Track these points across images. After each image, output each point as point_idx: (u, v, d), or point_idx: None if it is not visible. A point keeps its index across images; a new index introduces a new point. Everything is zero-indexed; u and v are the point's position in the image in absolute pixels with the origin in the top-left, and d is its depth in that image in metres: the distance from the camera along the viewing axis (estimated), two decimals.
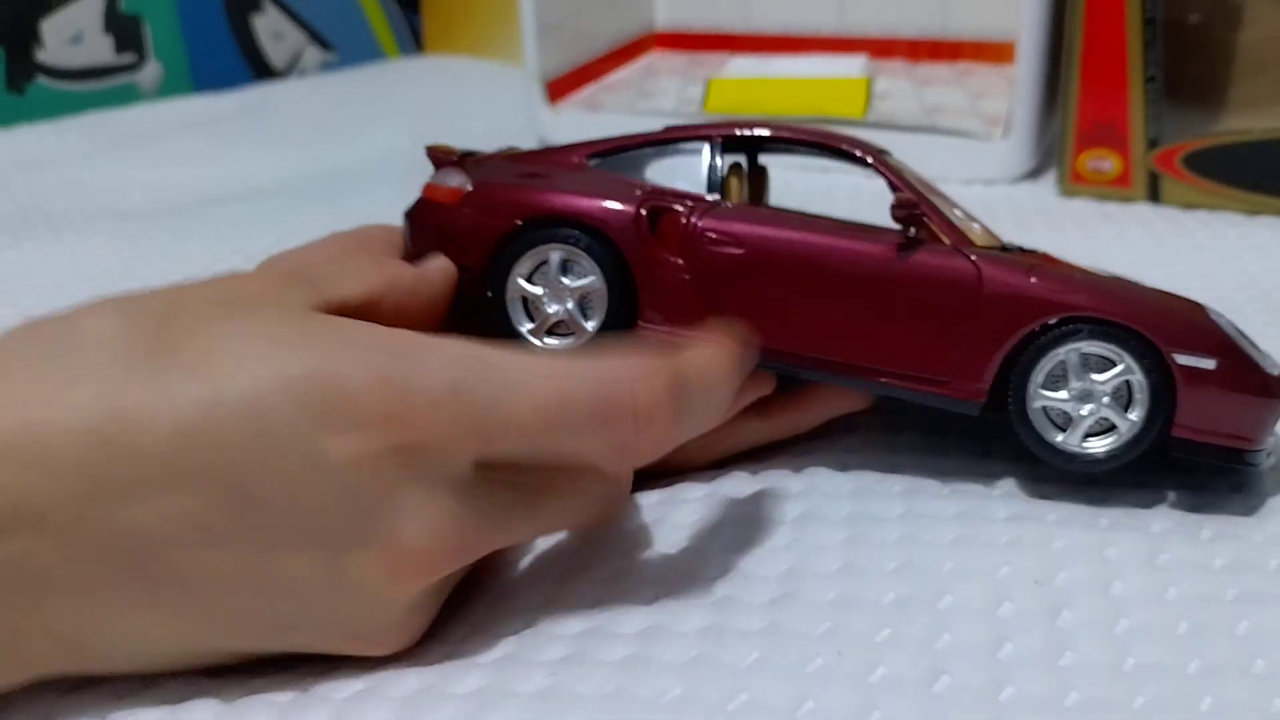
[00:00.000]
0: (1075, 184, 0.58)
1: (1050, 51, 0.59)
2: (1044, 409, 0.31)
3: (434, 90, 0.90)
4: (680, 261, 0.32)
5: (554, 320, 0.32)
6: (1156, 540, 0.30)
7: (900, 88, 0.70)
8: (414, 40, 1.05)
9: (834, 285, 0.31)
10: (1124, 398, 0.30)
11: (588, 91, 0.74)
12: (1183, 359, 0.30)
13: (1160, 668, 0.26)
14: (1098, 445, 0.31)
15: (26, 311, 0.49)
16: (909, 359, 0.31)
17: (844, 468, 0.34)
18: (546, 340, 0.33)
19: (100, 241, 0.57)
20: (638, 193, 0.32)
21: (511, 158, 0.36)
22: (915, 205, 0.31)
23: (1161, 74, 0.54)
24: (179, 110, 0.85)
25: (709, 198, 0.33)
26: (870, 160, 0.34)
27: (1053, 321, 0.30)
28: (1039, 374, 0.31)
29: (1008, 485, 0.33)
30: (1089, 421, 0.31)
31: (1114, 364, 0.30)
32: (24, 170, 0.70)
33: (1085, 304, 0.30)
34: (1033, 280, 0.31)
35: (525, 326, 0.33)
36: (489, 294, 0.33)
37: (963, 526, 0.31)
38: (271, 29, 0.96)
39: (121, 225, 0.59)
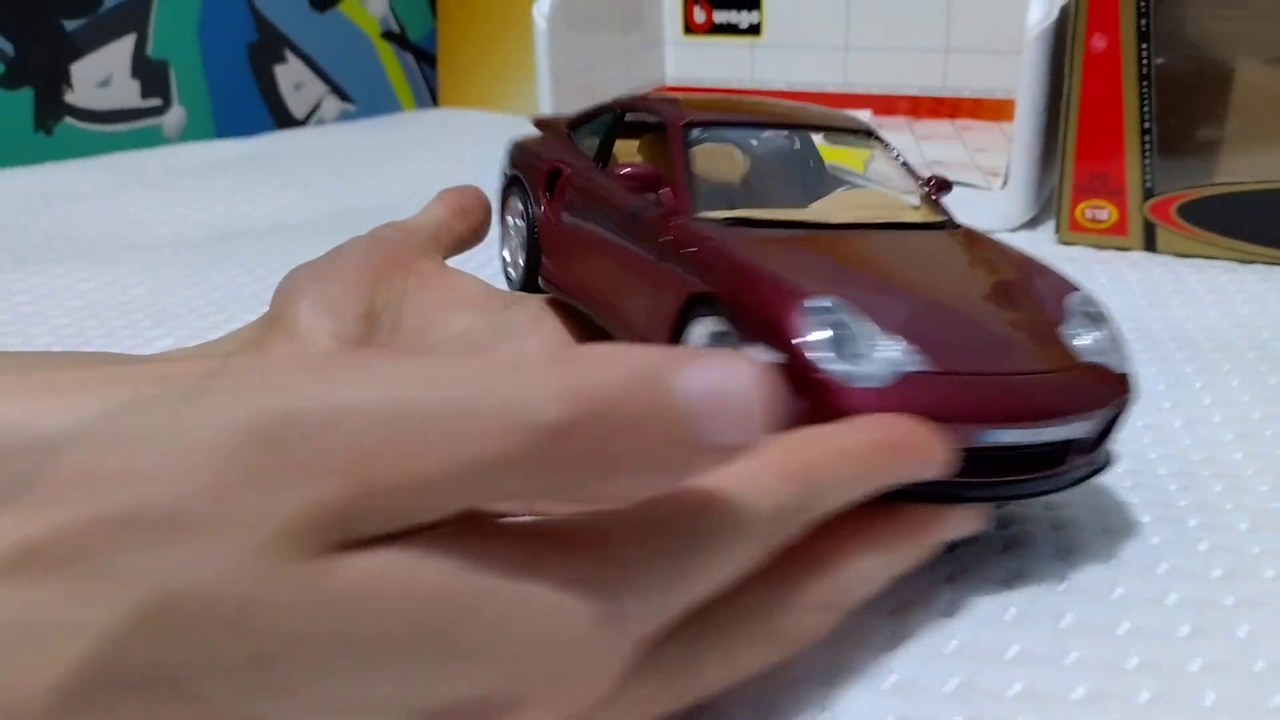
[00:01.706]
0: (1073, 233, 0.60)
1: (1048, 105, 0.61)
2: None
3: (448, 140, 0.93)
4: (551, 216, 0.37)
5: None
6: (1156, 550, 0.31)
7: (902, 142, 0.72)
8: (429, 93, 1.09)
9: (604, 245, 0.34)
10: None
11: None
12: (749, 349, 0.27)
13: (1162, 666, 0.27)
14: None
15: (56, 330, 0.50)
16: (641, 323, 0.31)
17: None
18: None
19: (126, 270, 0.58)
20: (555, 156, 0.38)
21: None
22: (644, 178, 0.32)
23: (1156, 127, 0.56)
24: (201, 153, 0.88)
25: (628, 165, 0.32)
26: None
27: (689, 297, 0.29)
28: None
29: (1011, 508, 0.34)
30: None
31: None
32: (52, 204, 0.72)
33: (711, 283, 0.28)
34: (684, 253, 0.29)
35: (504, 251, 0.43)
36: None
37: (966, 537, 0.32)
38: (293, 79, 0.99)
39: (146, 255, 0.61)
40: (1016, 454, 0.27)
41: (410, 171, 0.82)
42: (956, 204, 0.62)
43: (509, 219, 0.42)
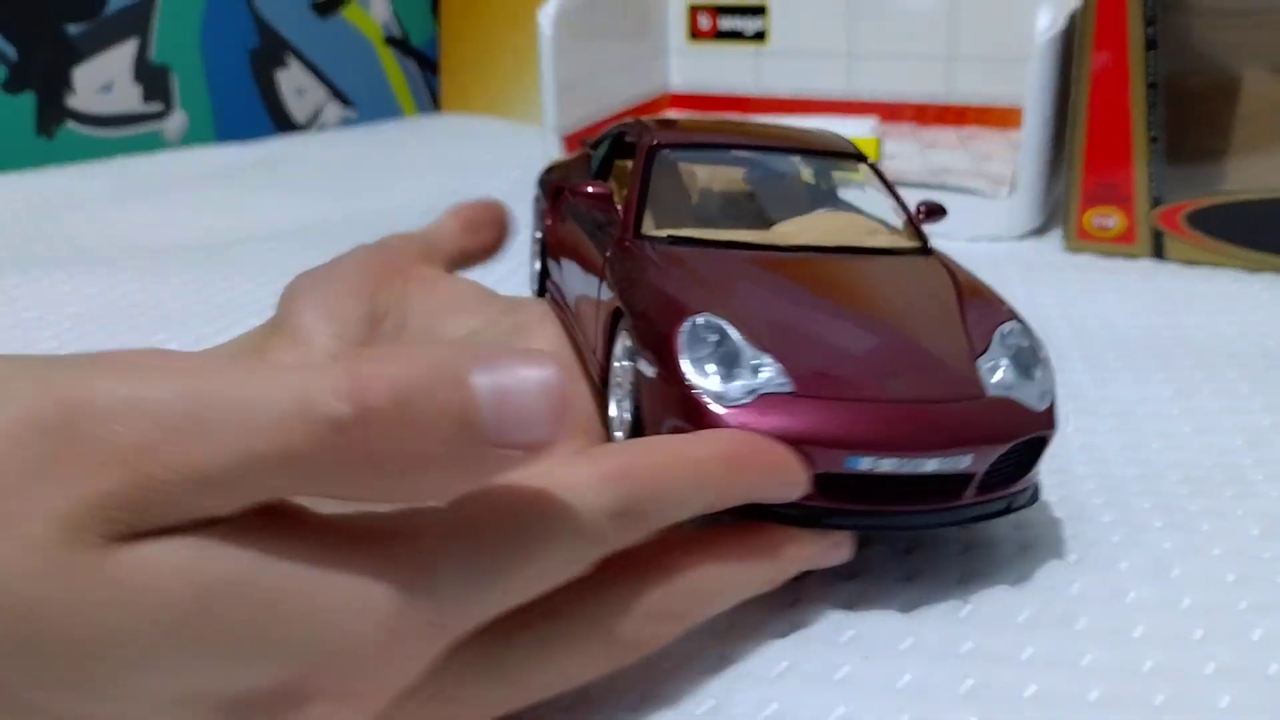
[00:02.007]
0: (1080, 240, 0.60)
1: (1055, 113, 0.61)
2: None
3: (450, 146, 0.93)
4: (552, 229, 0.39)
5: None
6: (1167, 556, 0.31)
7: (907, 149, 0.72)
8: (431, 99, 1.09)
9: (576, 257, 0.35)
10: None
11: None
12: (641, 363, 0.28)
13: (1177, 669, 0.26)
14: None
15: (60, 335, 0.50)
16: (590, 333, 0.32)
17: None
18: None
19: (129, 275, 0.58)
20: (567, 173, 0.40)
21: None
22: (596, 196, 0.33)
23: (1164, 135, 0.56)
24: (202, 158, 0.87)
25: (589, 184, 0.34)
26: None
27: (613, 311, 0.30)
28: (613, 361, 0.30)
29: (1021, 514, 0.34)
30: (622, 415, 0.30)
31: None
32: (54, 209, 0.72)
33: (624, 299, 0.29)
34: (617, 268, 0.31)
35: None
36: None
37: (972, 534, 0.32)
38: (294, 84, 0.99)
39: (149, 261, 0.61)
40: (897, 483, 0.27)
41: (412, 177, 0.81)
42: (963, 212, 0.62)
43: (535, 231, 0.44)
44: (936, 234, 0.36)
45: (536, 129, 0.80)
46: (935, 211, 0.36)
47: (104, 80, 0.88)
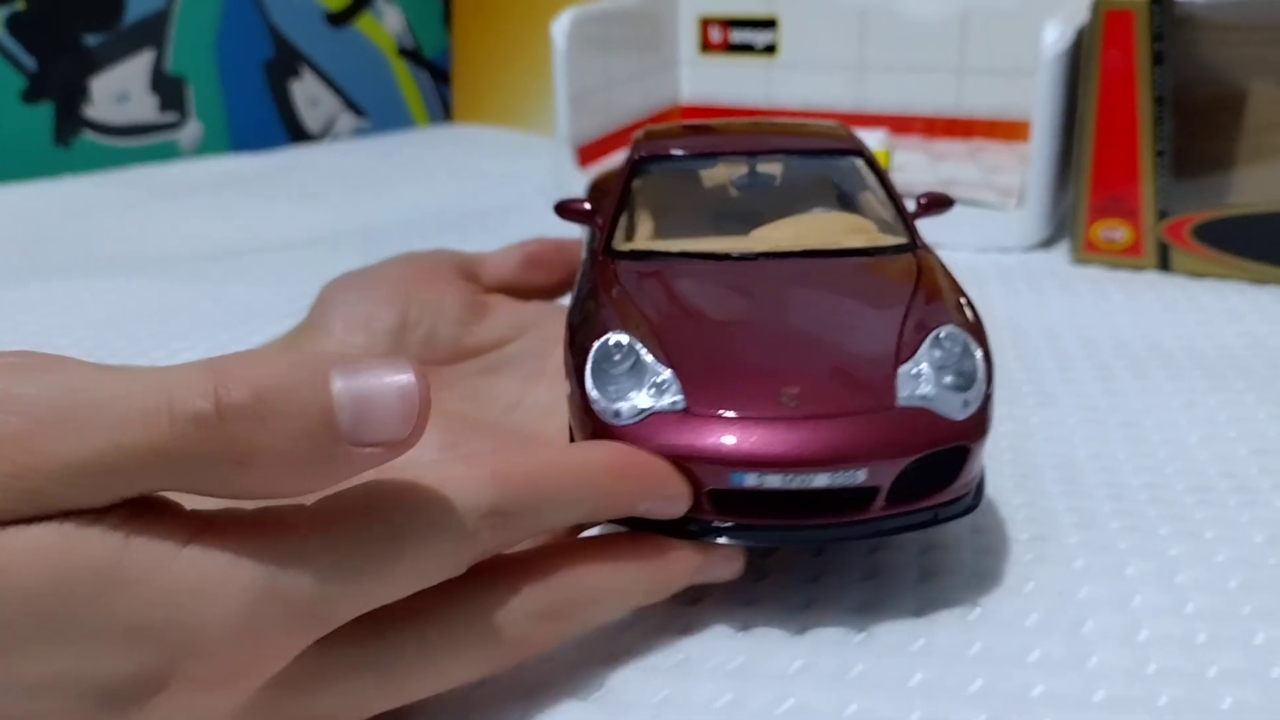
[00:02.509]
0: (1088, 253, 0.60)
1: (1063, 126, 0.62)
2: None
3: (462, 156, 0.94)
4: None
5: None
6: (1173, 562, 0.32)
7: (916, 161, 0.73)
8: (443, 110, 1.09)
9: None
10: None
11: (616, 157, 0.78)
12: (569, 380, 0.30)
13: (1181, 672, 0.27)
14: None
15: (80, 341, 0.51)
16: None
17: None
18: None
19: (146, 283, 0.59)
20: (603, 189, 0.40)
21: None
22: (575, 211, 0.35)
23: (1171, 149, 0.57)
24: (217, 168, 0.88)
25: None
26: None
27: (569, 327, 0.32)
28: None
29: (1028, 510, 0.35)
30: None
31: None
32: (71, 218, 0.73)
33: (568, 317, 0.31)
34: (583, 284, 0.33)
35: None
36: None
37: (984, 538, 0.32)
38: (308, 94, 1.00)
39: (166, 269, 0.62)
40: (795, 497, 0.27)
41: (424, 187, 0.82)
42: (972, 224, 0.63)
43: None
44: (946, 246, 0.37)
45: (547, 139, 0.80)
46: (939, 203, 0.36)
47: (120, 90, 0.89)
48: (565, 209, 0.35)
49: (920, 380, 0.28)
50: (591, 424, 0.28)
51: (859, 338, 0.29)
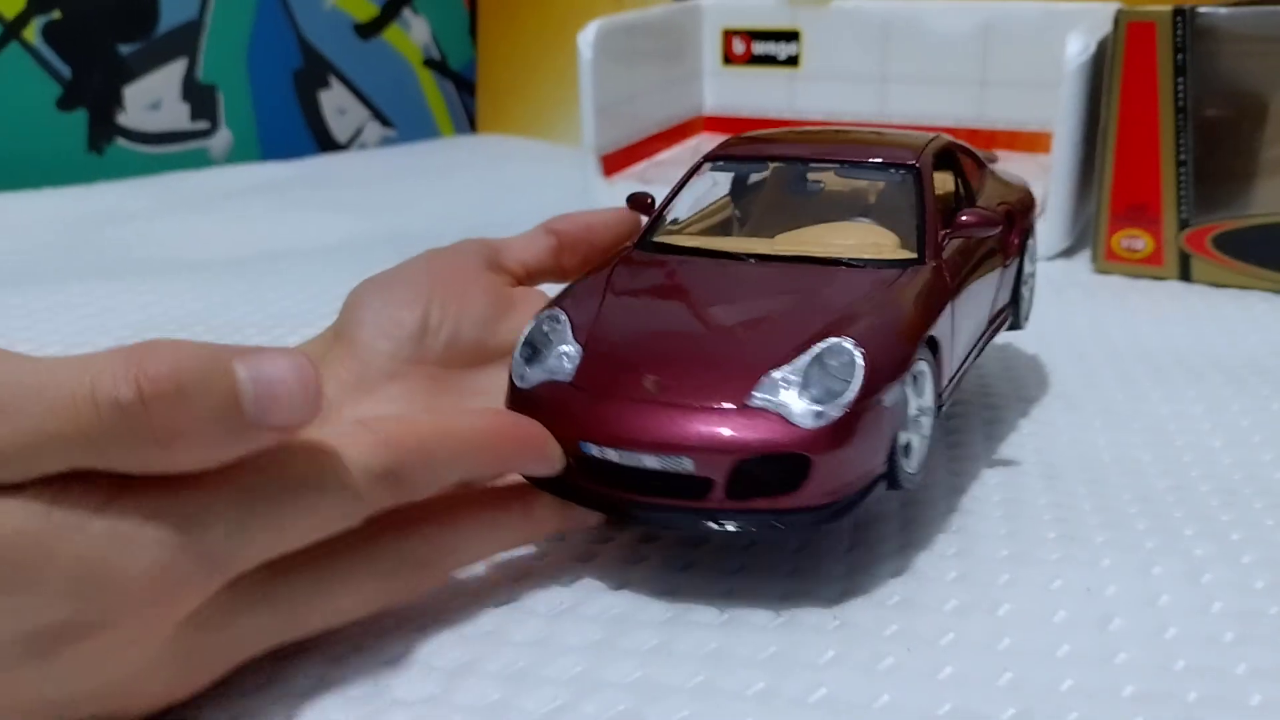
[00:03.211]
0: (1109, 262, 0.61)
1: (1085, 137, 0.62)
2: None
3: (486, 165, 0.95)
4: None
5: None
6: (1200, 563, 0.32)
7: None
8: (468, 120, 1.11)
9: None
10: None
11: (639, 167, 0.78)
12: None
13: (1209, 669, 0.28)
14: None
15: (120, 340, 0.52)
16: None
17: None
18: None
19: (183, 286, 0.60)
20: None
21: None
22: (638, 202, 0.38)
23: (1192, 159, 0.58)
24: (247, 175, 0.90)
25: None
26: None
27: None
28: None
29: (1055, 510, 0.35)
30: None
31: None
32: (106, 223, 0.74)
33: None
34: None
35: None
36: None
37: (1015, 544, 0.33)
38: (336, 104, 1.01)
39: (200, 273, 0.63)
40: (646, 475, 0.29)
41: (450, 195, 0.83)
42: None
43: None
44: None
45: (570, 149, 0.81)
46: (983, 222, 0.35)
47: (153, 99, 0.91)
48: (632, 200, 0.39)
49: (779, 385, 0.29)
50: (508, 387, 0.31)
51: (763, 341, 0.30)
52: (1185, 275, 0.59)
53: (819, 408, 0.28)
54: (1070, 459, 0.39)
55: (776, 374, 0.29)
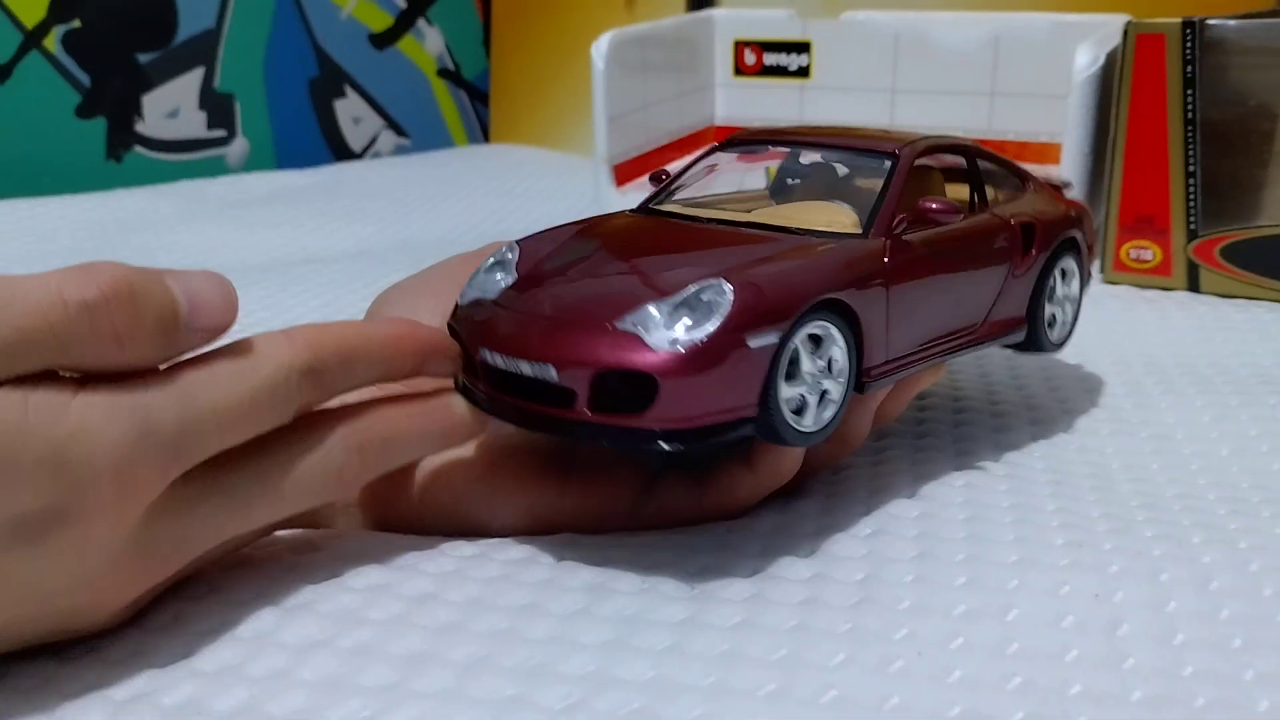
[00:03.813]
0: (1117, 272, 0.61)
1: (1093, 148, 0.63)
2: None
3: (500, 174, 0.96)
4: None
5: None
6: (1207, 569, 0.32)
7: None
8: (481, 130, 1.12)
9: None
10: None
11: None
12: None
13: (1217, 674, 0.28)
14: None
15: None
16: None
17: (912, 494, 0.37)
18: None
19: None
20: None
21: None
22: (654, 176, 0.40)
23: (1200, 170, 0.58)
24: (263, 183, 0.91)
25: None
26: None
27: None
28: None
29: (1063, 516, 0.36)
30: None
31: None
32: (126, 230, 0.75)
33: None
34: None
35: None
36: None
37: (1023, 550, 0.33)
38: (351, 113, 1.02)
39: None
40: (528, 383, 0.31)
41: (465, 204, 0.84)
42: None
43: None
44: None
45: (582, 159, 0.82)
46: (942, 211, 0.36)
47: (171, 107, 0.92)
48: (653, 176, 0.41)
49: (650, 313, 0.30)
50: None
51: (665, 280, 0.32)
52: (1193, 286, 0.59)
53: (675, 334, 0.30)
54: (1078, 466, 0.39)
55: (652, 305, 0.30)
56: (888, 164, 0.38)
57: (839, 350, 0.32)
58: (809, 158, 0.41)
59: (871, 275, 0.33)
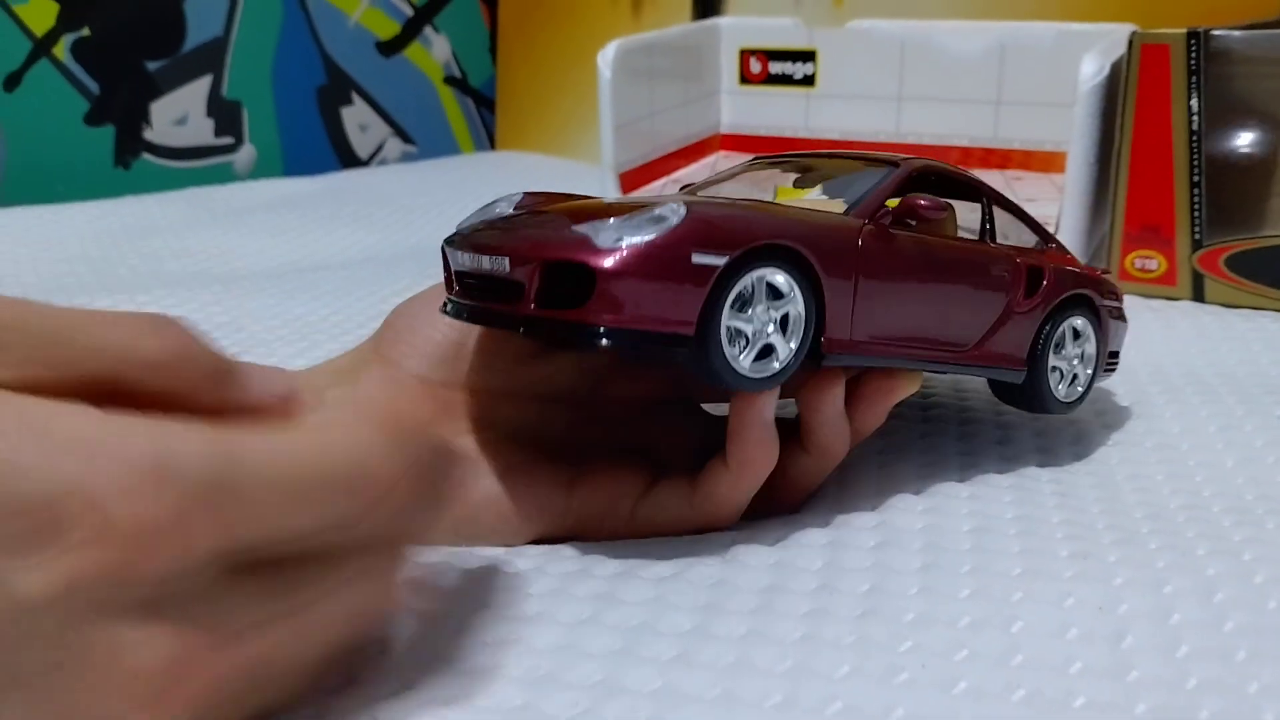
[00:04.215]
0: (1122, 282, 0.61)
1: (1099, 157, 0.63)
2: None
3: (506, 181, 0.96)
4: None
5: None
6: (1212, 581, 0.33)
7: None
8: (488, 137, 1.12)
9: None
10: None
11: (658, 184, 0.79)
12: None
13: (1222, 686, 0.28)
14: None
15: None
16: None
17: (919, 506, 0.37)
18: None
19: (211, 299, 0.61)
20: None
21: None
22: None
23: (1205, 180, 0.58)
24: (270, 190, 0.91)
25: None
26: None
27: None
28: None
29: (1067, 528, 0.36)
30: None
31: None
32: (135, 237, 0.76)
33: None
34: None
35: None
36: None
37: (1028, 561, 0.34)
38: (358, 120, 1.03)
39: (228, 285, 0.64)
40: (492, 282, 0.33)
41: (471, 211, 0.84)
42: None
43: None
44: None
45: (588, 166, 0.83)
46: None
47: (179, 114, 0.92)
48: (684, 188, 0.42)
49: (605, 222, 0.31)
50: None
51: (645, 214, 0.32)
52: (1198, 296, 0.59)
53: (619, 235, 0.30)
54: (1083, 477, 0.39)
55: (612, 219, 0.31)
56: (888, 168, 0.39)
57: (795, 310, 0.33)
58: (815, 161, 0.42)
59: (841, 248, 0.34)
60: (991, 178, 0.77)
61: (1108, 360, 0.43)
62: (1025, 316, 0.39)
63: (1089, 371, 0.42)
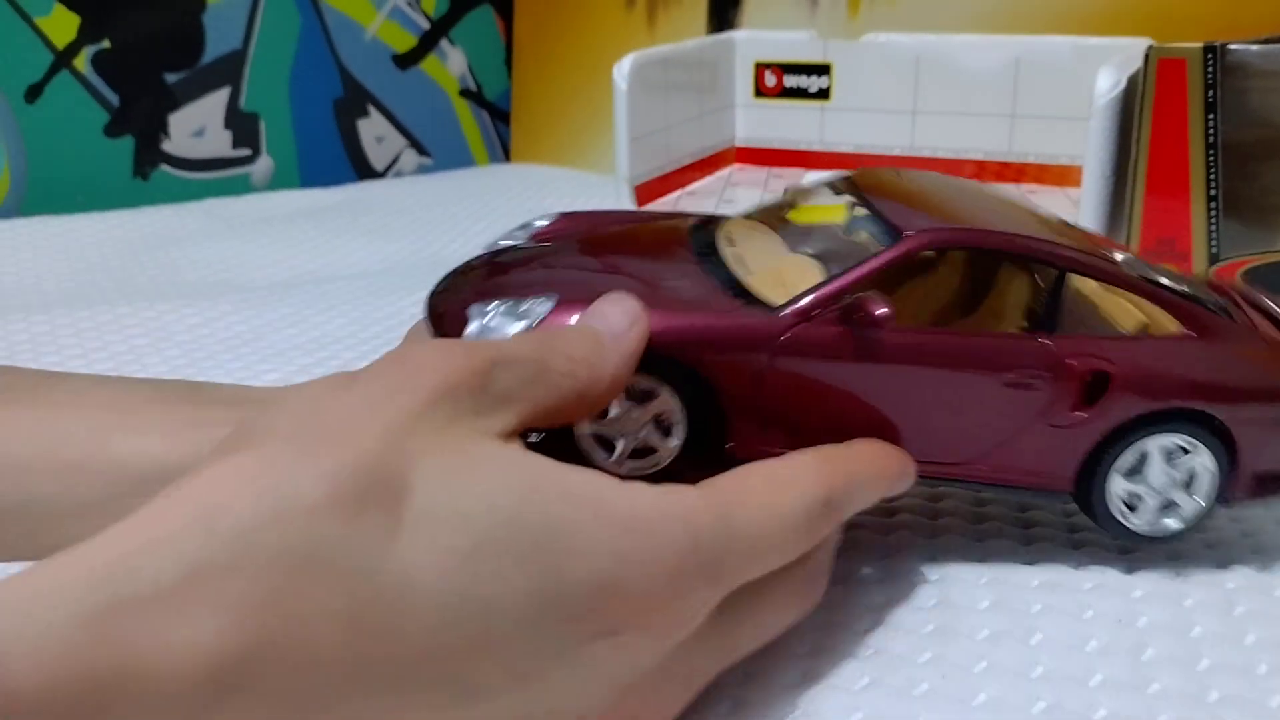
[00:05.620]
0: None
1: (1114, 171, 0.63)
2: None
3: (521, 194, 0.96)
4: None
5: None
6: (1232, 594, 0.32)
7: None
8: (503, 149, 1.13)
9: None
10: None
11: (672, 197, 0.80)
12: None
13: (1243, 700, 0.28)
14: None
15: (170, 361, 0.53)
16: None
17: (932, 538, 0.37)
18: None
19: (229, 308, 0.62)
20: None
21: None
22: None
23: (1222, 194, 0.58)
24: (287, 201, 0.92)
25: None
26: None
27: None
28: None
29: (1086, 540, 0.36)
30: None
31: None
32: (153, 247, 0.76)
33: None
34: None
35: None
36: None
37: (1045, 574, 0.34)
38: (374, 133, 1.03)
39: (246, 296, 0.64)
40: None
41: (488, 223, 0.85)
42: None
43: None
44: None
45: (603, 178, 0.83)
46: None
47: (197, 126, 0.93)
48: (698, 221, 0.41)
49: (489, 306, 0.31)
50: None
51: (544, 284, 0.32)
52: None
53: (484, 324, 0.31)
54: None
55: (499, 300, 0.31)
56: (888, 242, 0.31)
57: (672, 407, 0.30)
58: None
59: (747, 343, 0.30)
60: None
61: (1262, 484, 0.33)
62: (1066, 430, 0.32)
63: (1199, 501, 0.33)
